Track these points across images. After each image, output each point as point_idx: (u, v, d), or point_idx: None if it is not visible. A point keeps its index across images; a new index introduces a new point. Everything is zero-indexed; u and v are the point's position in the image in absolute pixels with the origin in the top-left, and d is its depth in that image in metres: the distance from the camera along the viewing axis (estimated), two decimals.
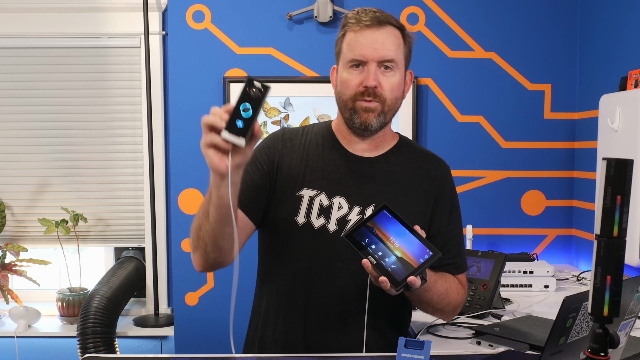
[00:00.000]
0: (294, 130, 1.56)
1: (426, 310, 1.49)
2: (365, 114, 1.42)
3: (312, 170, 1.47)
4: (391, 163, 1.51)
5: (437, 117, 2.72)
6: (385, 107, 1.44)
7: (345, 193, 1.45)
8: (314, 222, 1.44)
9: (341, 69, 1.46)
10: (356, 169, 1.48)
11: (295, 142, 1.52)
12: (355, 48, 1.42)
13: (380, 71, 1.42)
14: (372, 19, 1.42)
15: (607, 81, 2.44)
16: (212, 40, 2.68)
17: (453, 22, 2.70)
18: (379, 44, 1.41)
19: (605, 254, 0.82)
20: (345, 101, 1.44)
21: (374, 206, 1.44)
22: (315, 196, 1.45)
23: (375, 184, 1.47)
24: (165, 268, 2.89)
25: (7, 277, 2.77)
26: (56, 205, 2.83)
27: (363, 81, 1.41)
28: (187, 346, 2.69)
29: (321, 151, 1.50)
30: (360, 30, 1.42)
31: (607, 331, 0.83)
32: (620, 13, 2.39)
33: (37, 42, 2.84)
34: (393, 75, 1.43)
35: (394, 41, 1.43)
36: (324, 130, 1.54)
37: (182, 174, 2.70)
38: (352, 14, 1.45)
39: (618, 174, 0.81)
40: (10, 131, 2.88)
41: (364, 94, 1.41)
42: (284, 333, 1.47)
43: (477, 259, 2.00)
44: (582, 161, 2.67)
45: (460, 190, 2.72)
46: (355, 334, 1.42)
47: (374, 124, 1.44)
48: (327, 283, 1.43)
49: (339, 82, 1.47)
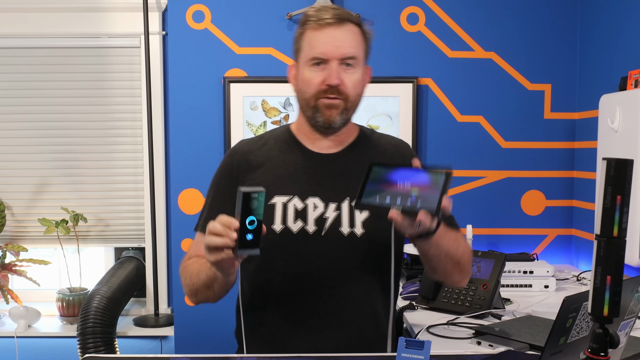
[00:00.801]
0: (251, 140, 1.56)
1: (445, 266, 1.41)
2: (328, 111, 1.42)
3: (280, 177, 1.46)
4: (357, 154, 1.50)
5: (437, 117, 2.72)
6: (348, 104, 1.44)
7: (317, 192, 1.45)
8: (292, 227, 1.43)
9: (302, 67, 1.45)
10: (323, 167, 1.48)
11: (256, 153, 1.51)
12: (316, 46, 1.41)
13: (342, 68, 1.41)
14: (333, 17, 1.41)
15: (607, 81, 2.44)
16: (212, 40, 2.68)
17: (453, 22, 2.70)
18: (340, 42, 1.40)
19: (605, 254, 0.82)
20: (308, 99, 1.44)
21: (348, 200, 1.44)
22: (289, 201, 1.44)
23: (345, 178, 1.46)
24: (165, 268, 2.89)
25: (7, 277, 2.77)
26: (56, 205, 2.83)
27: (325, 79, 1.41)
28: (187, 346, 2.69)
29: (285, 156, 1.50)
30: (320, 28, 1.41)
31: (607, 331, 0.83)
32: (620, 13, 2.39)
33: (37, 42, 2.84)
34: (354, 72, 1.43)
35: (355, 38, 1.43)
36: (285, 134, 1.54)
37: (182, 174, 2.70)
38: (312, 12, 1.44)
39: (618, 174, 0.81)
40: (10, 131, 2.88)
41: (327, 91, 1.41)
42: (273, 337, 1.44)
43: (477, 259, 2.00)
44: (582, 161, 2.67)
45: (460, 190, 2.72)
46: (348, 333, 1.42)
47: (337, 121, 1.44)
48: (316, 284, 1.42)
49: (299, 81, 1.46)
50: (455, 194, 2.71)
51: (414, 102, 2.68)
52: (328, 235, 1.42)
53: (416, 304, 1.98)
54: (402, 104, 2.68)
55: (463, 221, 2.61)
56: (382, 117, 2.68)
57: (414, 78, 2.68)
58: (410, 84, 2.67)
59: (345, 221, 1.43)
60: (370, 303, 1.46)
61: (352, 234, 1.43)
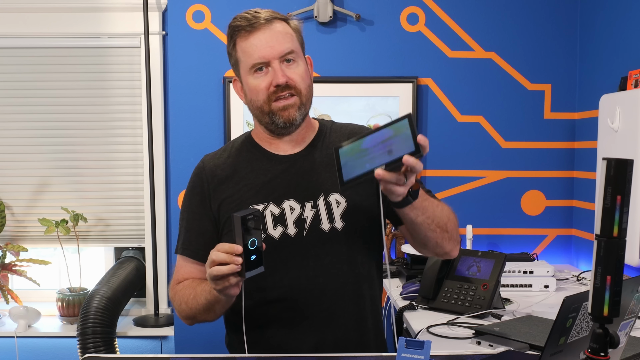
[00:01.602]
0: (215, 154, 1.54)
1: (433, 232, 1.36)
2: (285, 112, 1.41)
3: (251, 186, 1.45)
4: (320, 149, 1.49)
5: (437, 117, 2.72)
6: (302, 98, 1.43)
7: (291, 194, 1.44)
8: (273, 234, 1.42)
9: (245, 78, 1.43)
10: (291, 168, 1.47)
11: (222, 167, 1.50)
12: (252, 52, 1.40)
13: (285, 66, 1.41)
14: (257, 19, 1.40)
15: (607, 81, 2.44)
16: (212, 40, 2.68)
17: (453, 22, 2.70)
18: (273, 41, 1.40)
19: (605, 254, 0.82)
20: (260, 106, 1.43)
21: (322, 196, 1.43)
22: (265, 208, 1.43)
23: (315, 174, 1.46)
24: (165, 268, 2.89)
25: (7, 277, 2.77)
26: (56, 205, 2.83)
27: (272, 81, 1.40)
28: (187, 346, 2.69)
29: (251, 165, 1.48)
30: (250, 35, 1.40)
31: (607, 331, 0.83)
32: (620, 13, 2.39)
33: (37, 42, 2.84)
34: (298, 66, 1.42)
35: (286, 32, 1.42)
36: (247, 144, 1.53)
37: (182, 174, 2.70)
38: (236, 22, 1.43)
39: (618, 174, 0.81)
40: (10, 131, 2.88)
41: (277, 92, 1.40)
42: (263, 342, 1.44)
43: (477, 259, 2.00)
44: (582, 161, 2.67)
45: (460, 190, 2.72)
46: (338, 334, 1.42)
47: (297, 118, 1.42)
48: (303, 287, 1.41)
49: (247, 91, 1.45)
50: (455, 194, 2.71)
51: (414, 102, 2.68)
52: (310, 235, 1.42)
53: (416, 304, 1.97)
54: (402, 104, 2.68)
55: (463, 221, 2.62)
56: (382, 117, 2.68)
57: (414, 78, 2.68)
58: (410, 84, 2.68)
59: (324, 217, 1.42)
60: (361, 296, 1.46)
61: (332, 229, 1.42)
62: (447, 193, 2.68)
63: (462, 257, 2.03)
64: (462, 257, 2.03)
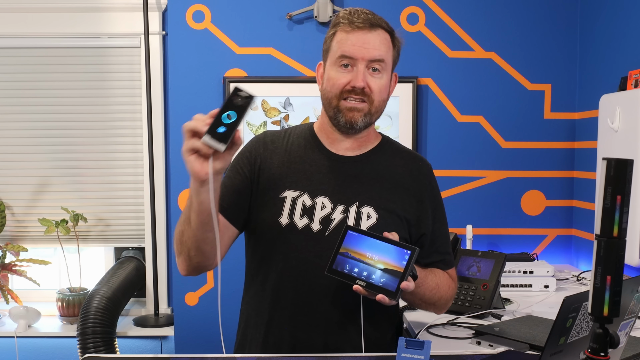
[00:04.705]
0: (276, 132, 1.57)
1: (420, 306, 1.53)
2: (350, 113, 1.43)
3: (295, 172, 1.48)
4: (374, 162, 1.51)
5: (437, 117, 2.72)
6: (372, 109, 1.45)
7: (327, 193, 1.45)
8: (297, 223, 1.43)
9: (329, 67, 1.46)
10: (339, 168, 1.48)
11: (277, 145, 1.52)
12: (345, 45, 1.43)
13: (369, 73, 1.43)
14: (365, 21, 1.43)
15: (607, 81, 2.44)
16: (212, 40, 2.68)
17: (453, 22, 2.70)
18: (370, 45, 1.42)
19: (605, 254, 0.82)
20: (330, 99, 1.45)
21: (357, 204, 1.44)
22: (298, 197, 1.45)
23: (358, 182, 1.47)
24: (165, 268, 2.89)
25: (7, 277, 2.77)
26: (56, 205, 2.83)
27: (351, 81, 1.42)
28: (187, 346, 2.69)
29: (303, 152, 1.50)
30: (352, 31, 1.43)
31: (607, 331, 0.83)
32: (620, 13, 2.39)
33: (37, 42, 2.84)
34: (381, 77, 1.44)
35: (385, 43, 1.45)
36: (306, 132, 1.55)
37: (182, 174, 2.70)
38: (345, 14, 1.45)
39: (618, 174, 0.81)
40: (10, 131, 2.88)
41: (351, 93, 1.42)
42: (270, 333, 1.46)
43: (477, 259, 2.00)
44: (582, 161, 2.67)
45: (460, 190, 2.72)
46: (342, 332, 1.42)
47: (359, 123, 1.44)
48: (312, 282, 1.42)
49: (325, 80, 1.48)
50: (455, 194, 2.71)
51: (414, 102, 2.68)
52: (332, 236, 1.42)
53: None
54: (402, 104, 2.68)
55: (463, 221, 2.63)
56: (382, 117, 2.62)
57: (414, 78, 2.68)
58: (410, 84, 2.68)
59: (350, 224, 1.43)
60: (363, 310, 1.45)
61: None
62: (447, 193, 2.68)
63: (462, 257, 2.03)
64: (462, 257, 2.03)
